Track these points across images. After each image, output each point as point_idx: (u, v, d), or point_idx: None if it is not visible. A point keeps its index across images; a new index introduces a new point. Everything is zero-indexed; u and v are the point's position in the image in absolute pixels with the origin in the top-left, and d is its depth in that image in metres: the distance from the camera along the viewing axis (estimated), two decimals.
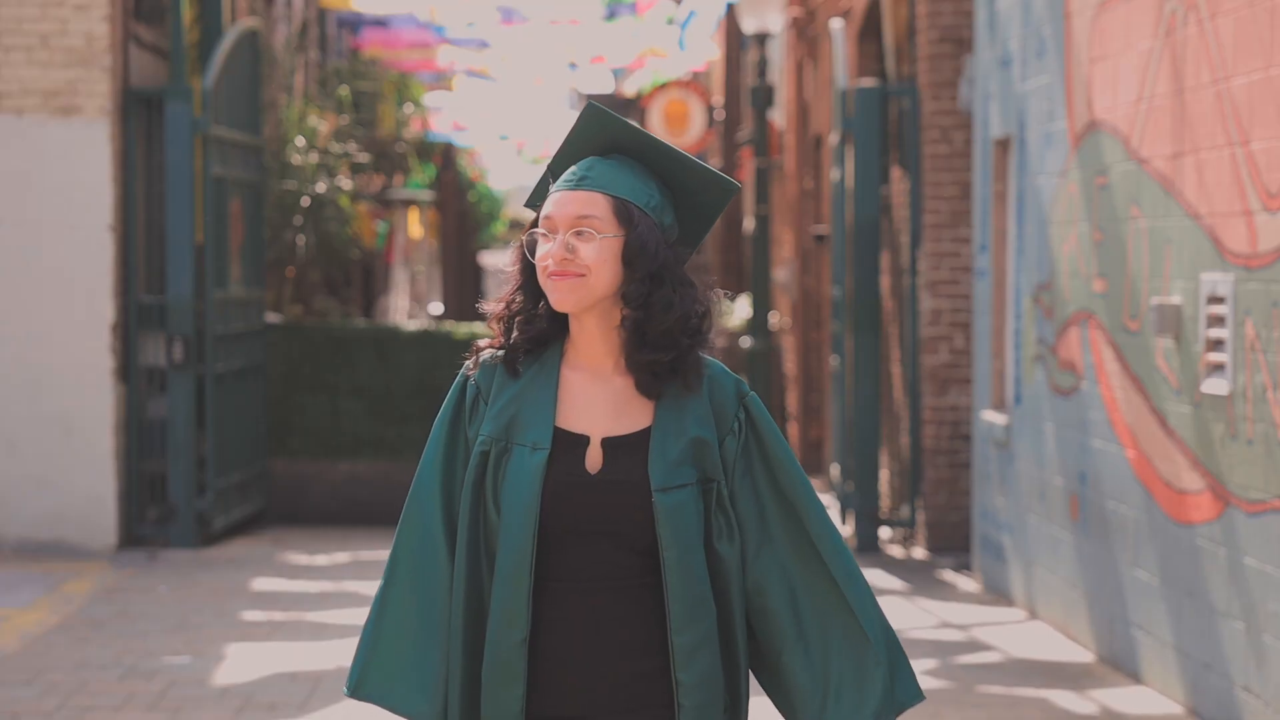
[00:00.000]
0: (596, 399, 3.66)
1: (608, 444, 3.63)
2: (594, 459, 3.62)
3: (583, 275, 3.60)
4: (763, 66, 18.16)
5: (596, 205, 3.63)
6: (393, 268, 28.74)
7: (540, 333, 3.66)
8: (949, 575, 12.77)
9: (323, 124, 17.90)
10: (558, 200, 3.64)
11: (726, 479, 3.66)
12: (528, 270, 3.67)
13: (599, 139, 3.71)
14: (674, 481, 3.59)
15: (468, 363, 3.71)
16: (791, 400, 20.07)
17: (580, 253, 3.60)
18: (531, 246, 3.66)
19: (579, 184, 3.65)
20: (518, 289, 3.69)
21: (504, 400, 3.66)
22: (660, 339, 3.61)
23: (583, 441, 3.63)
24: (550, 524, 3.59)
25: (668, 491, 3.59)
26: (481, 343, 3.72)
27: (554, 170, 3.74)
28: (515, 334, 3.67)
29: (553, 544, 3.59)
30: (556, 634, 3.61)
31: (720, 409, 3.68)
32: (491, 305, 3.71)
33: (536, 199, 3.76)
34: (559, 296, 3.60)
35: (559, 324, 3.67)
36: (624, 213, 3.63)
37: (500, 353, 3.68)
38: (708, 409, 3.67)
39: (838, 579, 3.65)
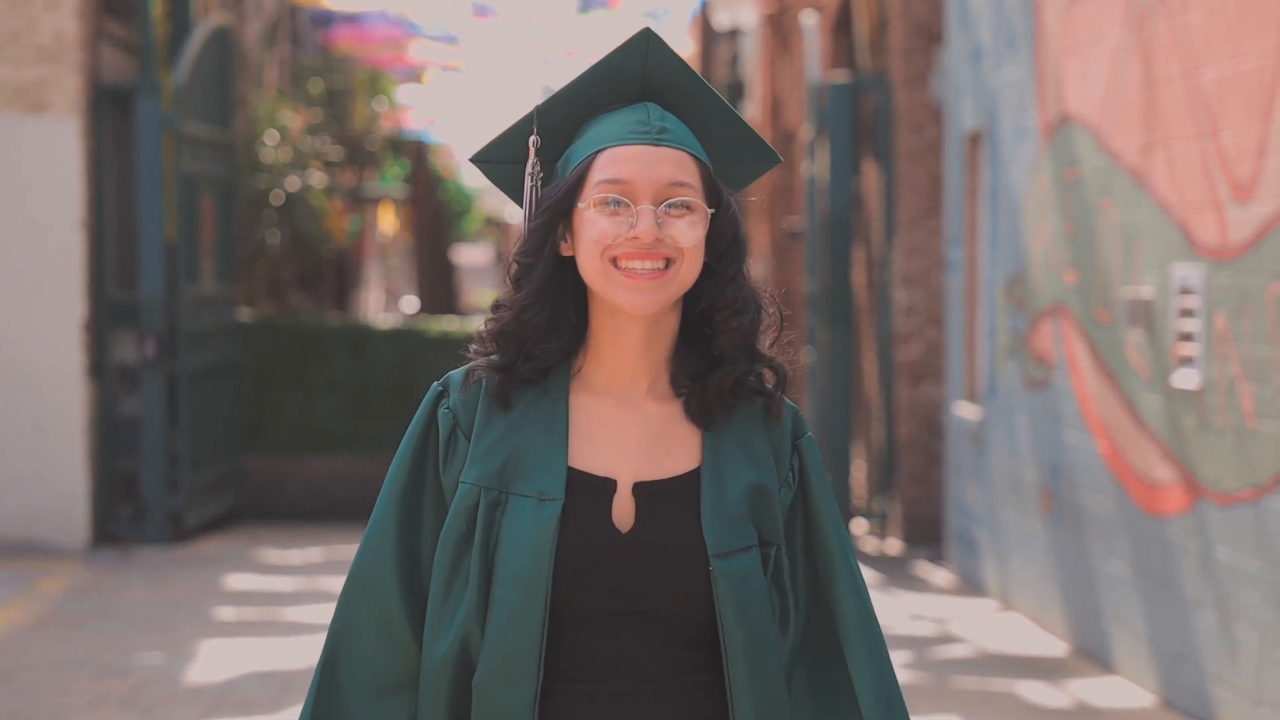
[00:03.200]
0: (624, 430, 2.70)
1: (642, 491, 2.68)
2: (623, 511, 2.67)
3: (675, 261, 2.65)
4: (736, 61, 18.17)
5: (689, 171, 2.66)
6: (365, 263, 28.72)
7: (555, 353, 2.70)
8: (923, 568, 12.78)
9: (294, 120, 17.87)
10: (635, 157, 2.63)
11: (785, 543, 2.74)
12: (553, 266, 2.68)
13: (638, 78, 2.71)
14: (736, 544, 2.66)
15: (438, 384, 2.75)
16: None
17: (676, 233, 2.64)
18: (552, 223, 2.65)
19: (660, 138, 2.64)
20: (538, 293, 2.68)
21: (492, 437, 2.69)
22: (753, 351, 2.77)
23: (608, 487, 2.67)
24: (564, 603, 2.65)
25: (729, 557, 2.65)
26: (479, 362, 2.72)
27: (548, 114, 2.71)
28: (523, 359, 2.69)
29: (565, 631, 2.66)
30: None
31: (778, 448, 2.75)
32: (490, 317, 2.72)
33: (504, 149, 2.74)
34: (647, 294, 2.64)
35: (572, 339, 2.72)
36: (712, 185, 2.69)
37: (494, 378, 2.71)
38: (765, 444, 2.73)
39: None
